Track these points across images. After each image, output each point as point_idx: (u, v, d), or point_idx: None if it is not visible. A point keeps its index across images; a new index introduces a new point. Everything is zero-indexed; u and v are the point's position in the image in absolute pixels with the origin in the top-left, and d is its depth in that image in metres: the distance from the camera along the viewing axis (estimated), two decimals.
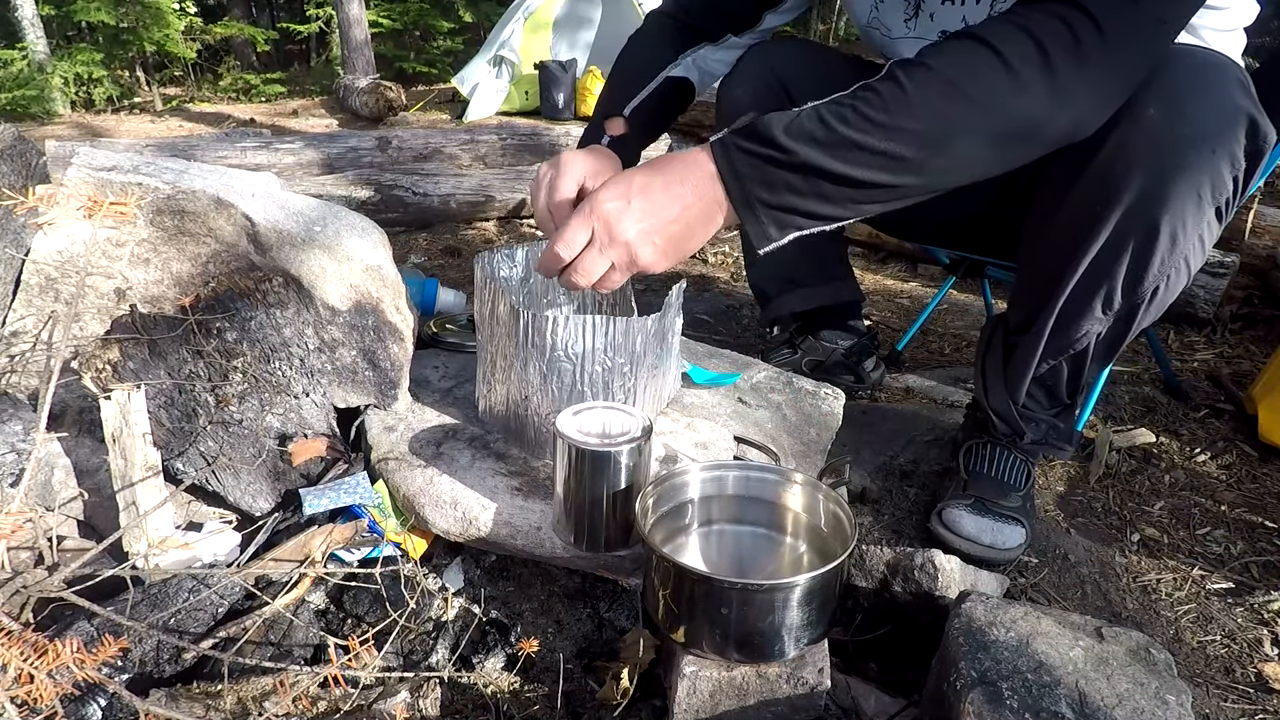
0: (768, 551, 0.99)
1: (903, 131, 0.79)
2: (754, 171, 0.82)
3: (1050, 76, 0.78)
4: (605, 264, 0.87)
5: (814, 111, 0.81)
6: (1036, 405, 1.20)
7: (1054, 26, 0.77)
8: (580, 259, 0.87)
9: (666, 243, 0.86)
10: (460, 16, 9.04)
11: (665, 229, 0.85)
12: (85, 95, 7.63)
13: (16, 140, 1.15)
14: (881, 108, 0.79)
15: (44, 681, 0.64)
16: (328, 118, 6.00)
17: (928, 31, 1.19)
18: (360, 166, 3.45)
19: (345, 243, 1.09)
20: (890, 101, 0.80)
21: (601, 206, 0.85)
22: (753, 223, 0.84)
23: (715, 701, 0.84)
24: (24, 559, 0.88)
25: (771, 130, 0.81)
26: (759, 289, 1.64)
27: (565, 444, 0.90)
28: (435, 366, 1.31)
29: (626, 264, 0.86)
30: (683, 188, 0.84)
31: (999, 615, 0.87)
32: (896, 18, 1.22)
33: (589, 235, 0.86)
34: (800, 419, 1.24)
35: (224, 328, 0.99)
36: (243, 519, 1.05)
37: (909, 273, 2.66)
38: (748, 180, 0.83)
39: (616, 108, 1.25)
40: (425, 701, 0.87)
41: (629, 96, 1.27)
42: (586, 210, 0.86)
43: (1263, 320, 2.12)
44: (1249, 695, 1.00)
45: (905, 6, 1.20)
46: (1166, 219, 0.93)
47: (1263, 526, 1.32)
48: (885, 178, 0.81)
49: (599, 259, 0.86)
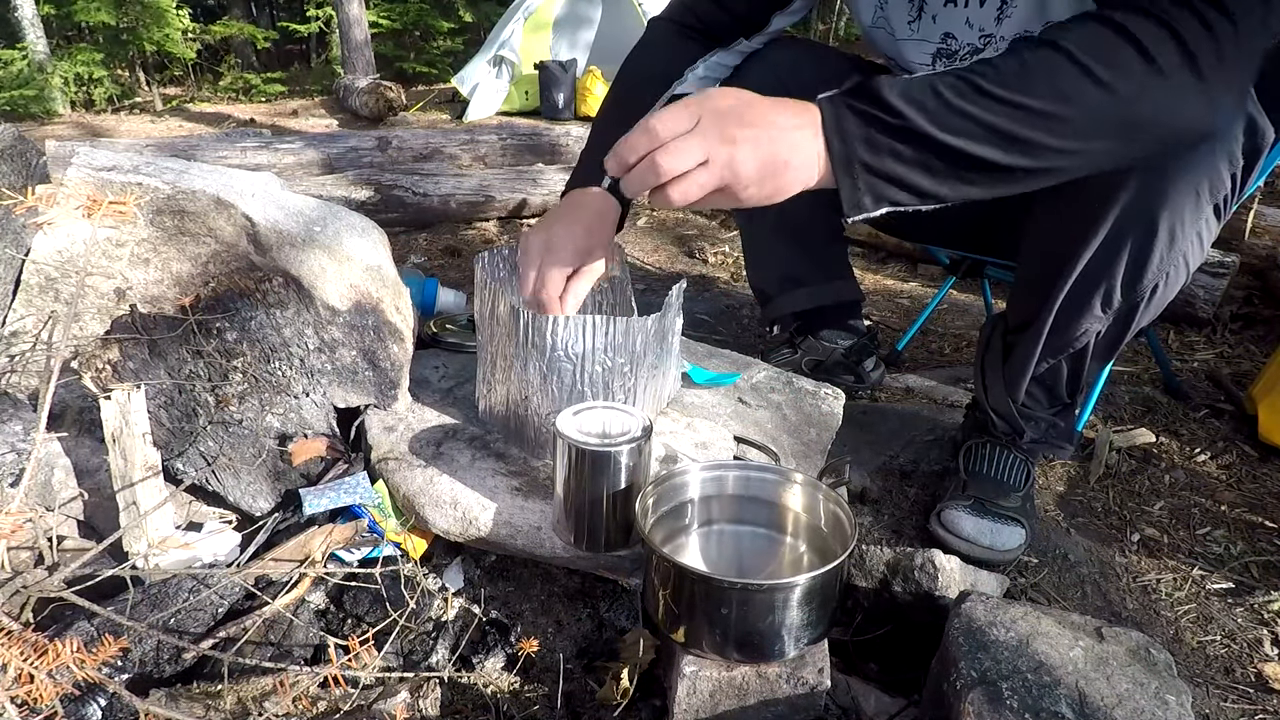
0: (768, 551, 0.99)
1: (1019, 108, 0.76)
2: (861, 132, 0.78)
3: (1192, 68, 0.74)
4: (700, 154, 0.76)
5: (925, 80, 0.78)
6: (1036, 404, 1.20)
7: (1189, 18, 0.74)
8: (676, 140, 0.76)
9: (766, 167, 0.78)
10: (460, 16, 9.04)
11: (772, 153, 0.77)
12: (85, 95, 7.63)
13: (16, 140, 1.15)
14: (999, 81, 0.76)
15: (44, 681, 0.64)
16: (328, 118, 6.00)
17: (930, 33, 1.19)
18: (360, 166, 3.45)
19: (345, 243, 1.09)
20: (1009, 76, 0.76)
21: (714, 101, 0.78)
22: (849, 187, 0.80)
23: (715, 701, 0.84)
24: (24, 559, 0.88)
25: (882, 92, 0.77)
26: (759, 289, 1.64)
27: (565, 444, 0.90)
28: (435, 366, 1.31)
29: (723, 165, 0.76)
30: (793, 122, 0.79)
31: (999, 615, 0.87)
32: (900, 19, 1.22)
33: (692, 124, 0.77)
34: (800, 419, 1.24)
35: (224, 328, 0.99)
36: (243, 519, 1.05)
37: (909, 273, 2.66)
38: (853, 140, 0.78)
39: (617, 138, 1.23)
40: (425, 701, 0.87)
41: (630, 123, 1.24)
42: (693, 101, 0.78)
43: (1263, 320, 2.12)
44: (1249, 695, 1.00)
45: (909, 8, 1.20)
46: (1165, 216, 0.93)
47: (1263, 526, 1.32)
48: (996, 155, 0.78)
49: (697, 146, 0.76)
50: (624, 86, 1.33)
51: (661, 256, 2.81)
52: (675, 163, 0.76)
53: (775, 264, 1.58)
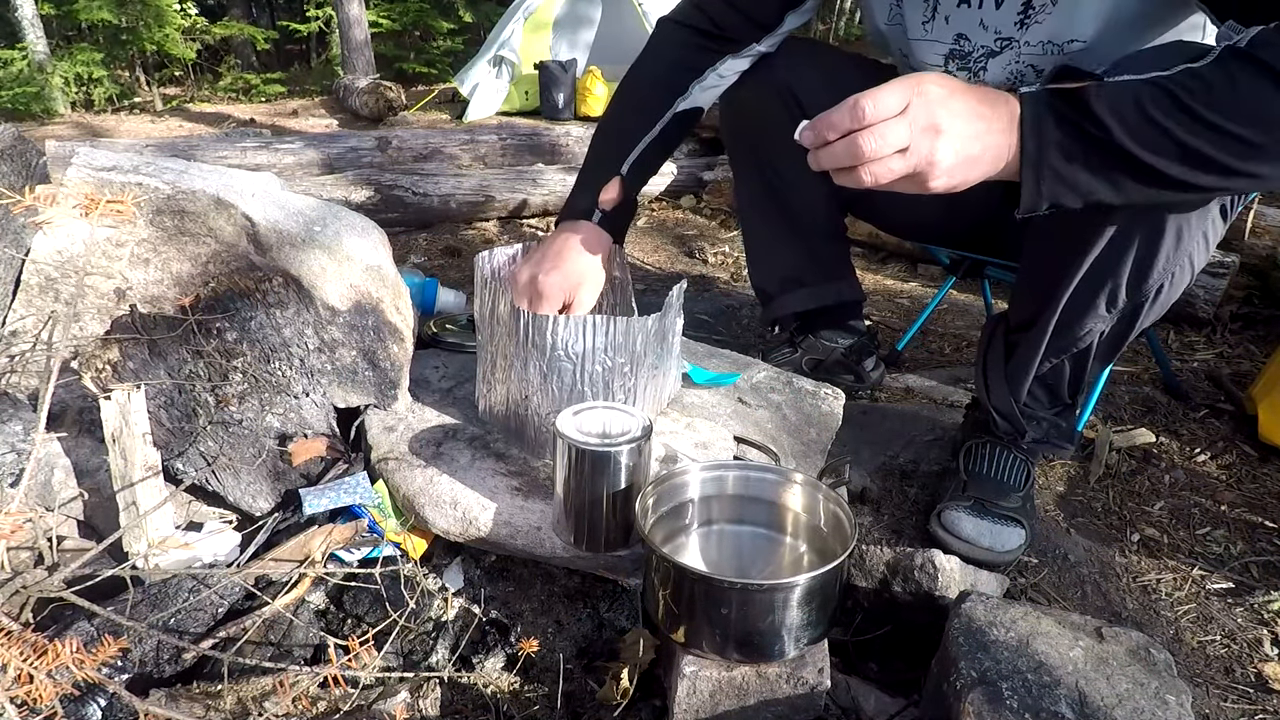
0: (768, 551, 0.99)
1: (1221, 132, 0.74)
2: (1058, 137, 0.77)
3: None
4: (903, 140, 0.75)
5: (1130, 90, 0.76)
6: (1038, 404, 1.20)
7: None
8: (883, 123, 0.74)
9: (962, 157, 0.77)
10: (460, 16, 9.04)
11: (968, 142, 0.77)
12: (85, 95, 7.62)
13: (16, 140, 1.16)
14: (1206, 101, 0.74)
15: (44, 681, 0.64)
16: (328, 118, 5.99)
17: (943, 34, 1.18)
18: (360, 166, 3.44)
19: (345, 243, 1.09)
20: (1217, 96, 0.74)
21: (928, 85, 0.76)
22: (1031, 189, 0.79)
23: (715, 701, 0.84)
24: (24, 559, 0.88)
25: (1089, 99, 0.75)
26: (760, 288, 1.64)
27: (565, 444, 0.90)
28: (435, 366, 1.31)
29: (925, 154, 0.76)
30: (992, 114, 0.77)
31: (999, 615, 0.87)
32: (915, 19, 1.21)
33: (904, 105, 0.75)
34: (800, 419, 1.24)
35: (224, 328, 0.99)
36: (243, 519, 1.05)
37: (909, 273, 2.66)
38: (1048, 144, 0.77)
39: (613, 167, 1.21)
40: (425, 701, 0.87)
41: (628, 148, 1.23)
42: (911, 82, 0.76)
43: (1263, 320, 2.12)
44: (1249, 695, 1.00)
45: (924, 8, 1.19)
46: (1172, 216, 0.93)
47: (1263, 526, 1.32)
48: (1185, 174, 0.77)
49: (902, 132, 0.75)
50: (630, 96, 1.31)
51: (661, 256, 2.81)
52: (878, 147, 0.74)
53: (777, 263, 1.58)
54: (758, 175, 1.49)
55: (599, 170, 1.23)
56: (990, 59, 1.15)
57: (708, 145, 3.78)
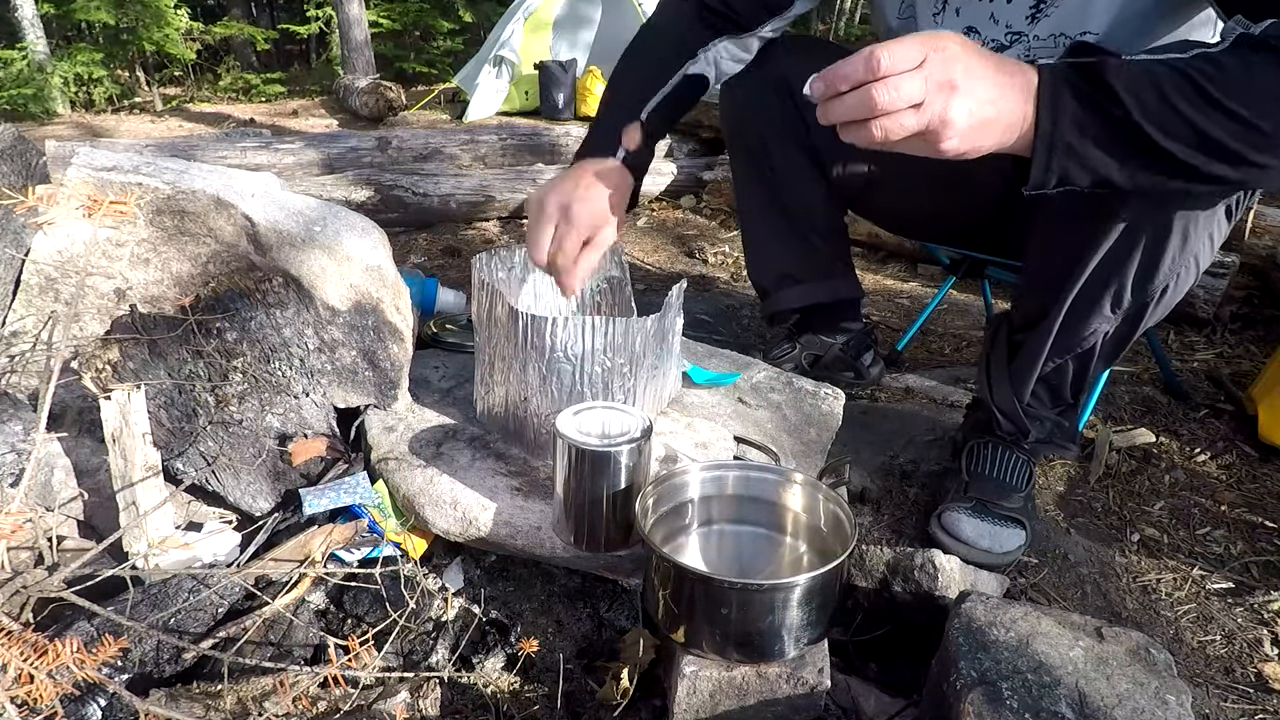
0: (768, 551, 0.99)
1: (1237, 120, 0.74)
2: (1074, 111, 0.76)
3: None
4: (918, 95, 0.72)
5: (1147, 70, 0.75)
6: (1040, 404, 1.20)
7: None
8: (898, 76, 0.72)
9: (975, 121, 0.75)
10: (460, 16, 9.04)
11: (984, 105, 0.74)
12: (85, 95, 7.62)
13: (16, 140, 1.16)
14: (1224, 88, 0.73)
15: (44, 681, 0.64)
16: (328, 118, 5.99)
17: (953, 27, 1.18)
18: (360, 166, 3.44)
19: (345, 243, 1.09)
20: (1235, 83, 0.73)
21: (947, 41, 0.74)
22: (1041, 164, 0.78)
23: (715, 701, 0.84)
24: (24, 559, 0.88)
25: (1107, 75, 0.74)
26: (759, 285, 1.64)
27: (565, 444, 0.90)
28: (435, 366, 1.31)
29: (939, 111, 0.73)
30: (1010, 82, 0.76)
31: (999, 615, 0.86)
32: (926, 11, 1.21)
33: (918, 61, 0.72)
34: (800, 419, 1.24)
35: (224, 328, 0.99)
36: (243, 519, 1.05)
37: (909, 272, 2.66)
38: (1063, 118, 0.76)
39: (633, 112, 1.18)
40: (425, 701, 0.87)
41: (645, 97, 1.20)
42: (930, 37, 0.74)
43: (1263, 320, 2.12)
44: (1249, 695, 1.00)
45: (935, 1, 1.19)
46: (1178, 216, 0.93)
47: (1263, 526, 1.32)
48: (1198, 161, 0.76)
49: (918, 85, 0.72)
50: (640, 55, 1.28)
51: (661, 256, 2.81)
52: (892, 99, 0.71)
53: (773, 260, 1.57)
54: (756, 170, 1.49)
55: (619, 113, 1.19)
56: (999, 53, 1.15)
57: (708, 145, 3.78)
